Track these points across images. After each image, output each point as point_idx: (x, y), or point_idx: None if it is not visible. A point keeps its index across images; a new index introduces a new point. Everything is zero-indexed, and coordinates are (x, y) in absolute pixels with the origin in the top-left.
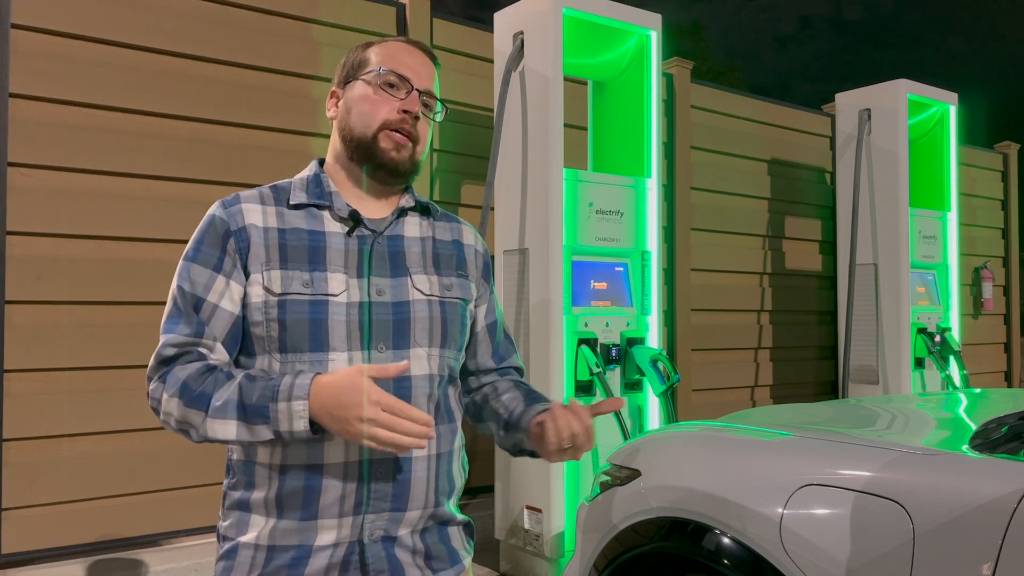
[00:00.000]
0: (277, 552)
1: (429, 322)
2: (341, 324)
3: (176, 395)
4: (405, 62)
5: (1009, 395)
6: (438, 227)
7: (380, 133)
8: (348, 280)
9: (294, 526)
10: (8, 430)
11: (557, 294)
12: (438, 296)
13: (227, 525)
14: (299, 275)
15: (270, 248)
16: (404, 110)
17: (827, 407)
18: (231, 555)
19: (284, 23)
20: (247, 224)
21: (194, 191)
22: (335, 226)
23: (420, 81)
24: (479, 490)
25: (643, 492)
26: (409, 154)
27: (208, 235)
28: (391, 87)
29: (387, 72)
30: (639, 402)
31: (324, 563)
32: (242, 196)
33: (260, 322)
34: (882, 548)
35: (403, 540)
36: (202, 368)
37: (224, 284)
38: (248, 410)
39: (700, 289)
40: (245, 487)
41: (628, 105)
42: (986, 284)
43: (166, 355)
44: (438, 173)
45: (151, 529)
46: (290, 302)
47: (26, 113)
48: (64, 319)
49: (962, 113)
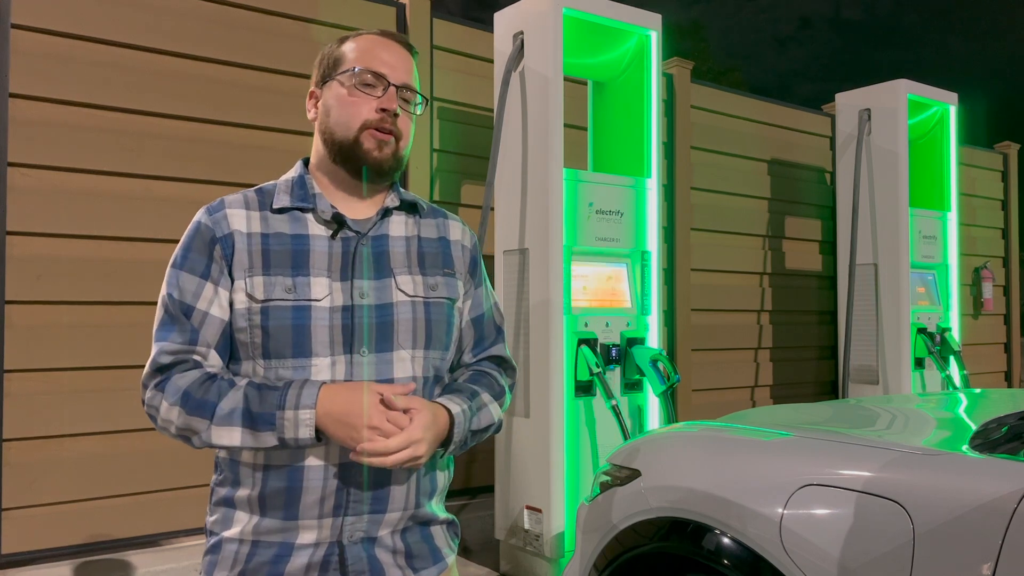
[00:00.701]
0: (260, 548)
1: (413, 324)
2: (324, 329)
3: (177, 403)
4: (380, 58)
5: (1009, 395)
6: (424, 225)
7: (361, 134)
8: (331, 284)
9: (276, 525)
10: (8, 430)
11: (557, 294)
12: (422, 297)
13: (213, 520)
14: (282, 281)
15: (253, 254)
16: (383, 108)
17: (827, 407)
18: (216, 549)
19: (284, 23)
20: (232, 230)
21: (194, 191)
22: (319, 229)
23: (397, 76)
24: (479, 490)
25: (643, 492)
26: (392, 151)
27: (195, 242)
28: (368, 86)
29: (362, 71)
30: (639, 402)
31: (304, 562)
32: (227, 201)
33: (244, 328)
34: (882, 548)
35: (383, 540)
36: (202, 377)
37: (212, 291)
38: (255, 418)
39: (700, 289)
40: (231, 484)
41: (628, 105)
42: (986, 284)
43: (162, 363)
44: (438, 173)
45: (151, 529)
46: (273, 308)
47: (26, 113)
48: (64, 319)
49: (962, 113)
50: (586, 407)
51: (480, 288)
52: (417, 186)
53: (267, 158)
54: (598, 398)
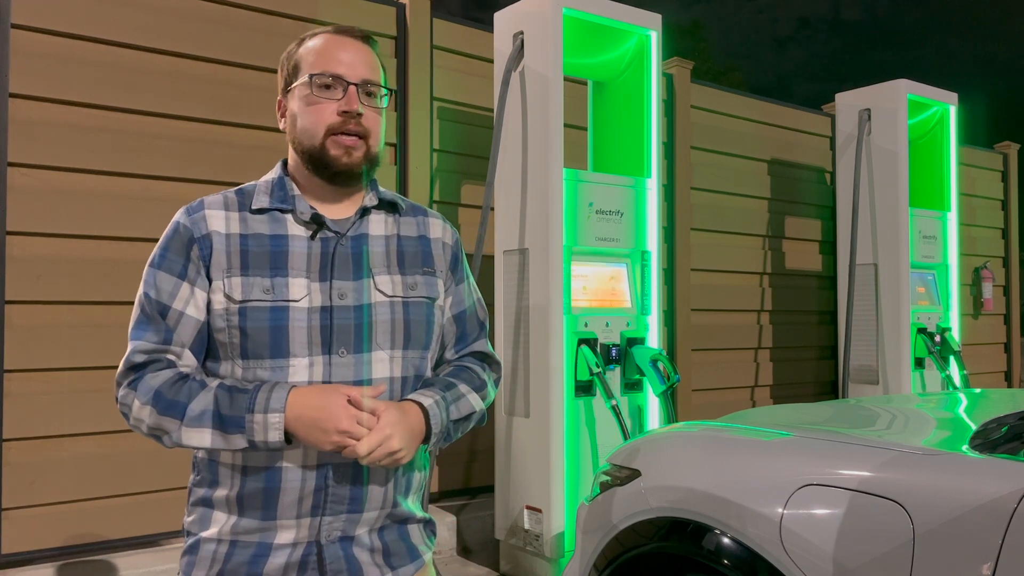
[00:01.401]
0: (238, 548)
1: (391, 324)
2: (302, 330)
3: (149, 403)
4: (336, 58)
5: (1009, 395)
6: (404, 223)
7: (327, 141)
8: (310, 285)
9: (254, 525)
10: (8, 430)
11: (557, 294)
12: (401, 297)
13: (191, 521)
14: (260, 281)
15: (231, 255)
16: (344, 111)
17: (827, 407)
18: (194, 550)
19: (284, 23)
20: (210, 231)
21: (194, 191)
22: (299, 229)
23: (355, 73)
24: (479, 490)
25: (643, 492)
26: (363, 153)
27: (173, 242)
28: (327, 88)
29: (319, 76)
30: (639, 402)
31: (283, 562)
32: (206, 202)
33: (223, 328)
34: (882, 548)
35: (361, 539)
36: (174, 377)
37: (189, 291)
38: (224, 420)
39: (700, 289)
40: (209, 485)
41: (628, 105)
42: (986, 284)
43: (136, 361)
44: (438, 173)
45: (150, 529)
46: (251, 309)
47: (26, 113)
48: (64, 319)
49: (962, 113)
50: (586, 407)
51: (462, 284)
52: (417, 186)
53: (267, 158)
54: (598, 398)
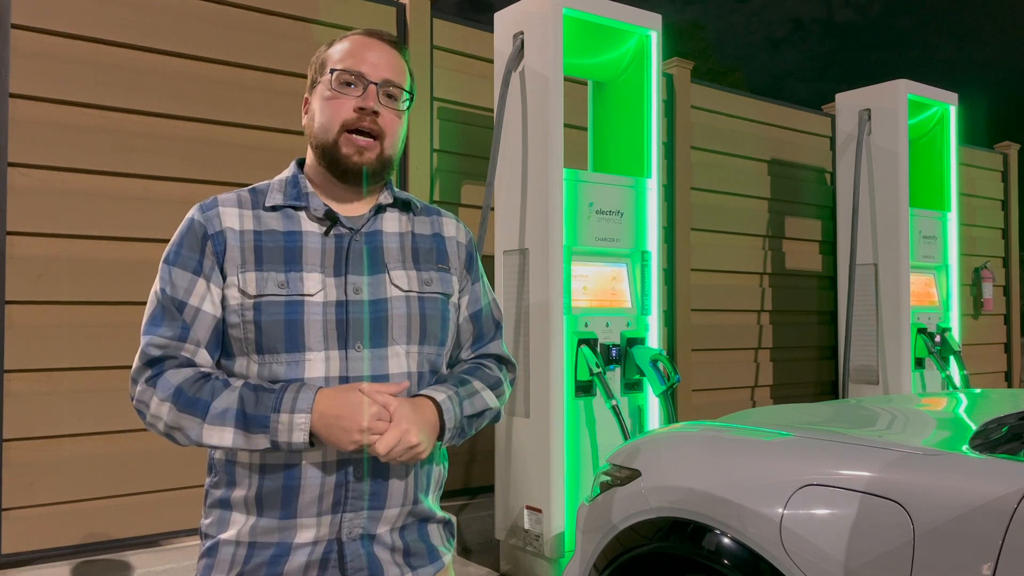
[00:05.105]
0: (257, 549)
1: (407, 319)
2: (317, 324)
3: (168, 400)
4: (361, 56)
5: (1009, 395)
6: (418, 221)
7: (341, 137)
8: (325, 279)
9: (274, 524)
10: (8, 430)
11: (557, 294)
12: (416, 292)
13: (209, 523)
14: (274, 276)
15: (245, 251)
16: (360, 107)
17: (827, 407)
18: (212, 552)
19: (284, 23)
20: (224, 227)
21: (194, 191)
22: (312, 226)
23: (377, 72)
24: (479, 490)
25: (643, 492)
26: (376, 154)
27: (187, 238)
28: (348, 86)
29: (341, 71)
30: (639, 402)
31: (303, 560)
32: (220, 199)
33: (237, 324)
34: (882, 548)
35: (382, 538)
36: (196, 375)
37: (204, 287)
38: (248, 419)
39: (700, 289)
40: (226, 485)
41: (628, 105)
42: (986, 284)
43: (152, 355)
44: (438, 173)
45: (150, 529)
46: (265, 303)
47: (26, 113)
48: (64, 319)
49: (962, 113)
50: (586, 407)
51: (477, 284)
52: (417, 186)
53: (267, 158)
54: (598, 398)
